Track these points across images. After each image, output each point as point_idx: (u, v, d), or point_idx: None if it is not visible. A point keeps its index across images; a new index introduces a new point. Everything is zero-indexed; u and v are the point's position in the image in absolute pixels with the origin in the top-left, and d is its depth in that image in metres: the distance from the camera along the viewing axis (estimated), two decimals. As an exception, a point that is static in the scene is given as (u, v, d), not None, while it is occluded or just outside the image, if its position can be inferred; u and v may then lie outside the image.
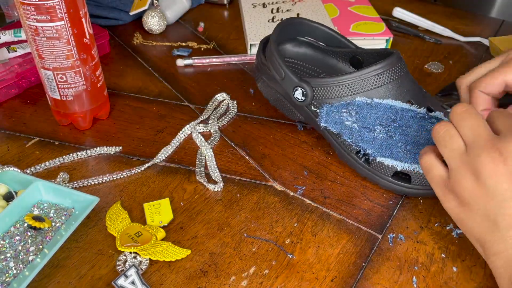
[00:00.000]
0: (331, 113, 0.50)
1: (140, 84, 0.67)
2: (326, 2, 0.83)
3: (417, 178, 0.47)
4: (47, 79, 0.53)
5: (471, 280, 0.42)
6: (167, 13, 0.81)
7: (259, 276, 0.42)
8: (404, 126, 0.49)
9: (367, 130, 0.49)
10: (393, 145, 0.48)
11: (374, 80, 0.49)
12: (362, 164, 0.50)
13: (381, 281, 0.42)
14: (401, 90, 0.49)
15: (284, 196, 0.50)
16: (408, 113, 0.49)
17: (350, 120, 0.49)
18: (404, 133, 0.49)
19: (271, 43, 0.55)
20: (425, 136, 0.48)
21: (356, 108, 0.49)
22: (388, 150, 0.48)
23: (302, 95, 0.51)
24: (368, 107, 0.49)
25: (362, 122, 0.49)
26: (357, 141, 0.49)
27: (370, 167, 0.49)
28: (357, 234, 0.46)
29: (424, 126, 0.49)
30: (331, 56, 0.60)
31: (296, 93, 0.51)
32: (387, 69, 0.49)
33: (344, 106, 0.49)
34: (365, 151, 0.49)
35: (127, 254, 0.43)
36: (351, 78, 0.49)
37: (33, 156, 0.54)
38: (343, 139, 0.50)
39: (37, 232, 0.45)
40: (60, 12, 0.48)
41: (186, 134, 0.58)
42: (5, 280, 0.40)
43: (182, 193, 0.50)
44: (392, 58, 0.49)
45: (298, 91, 0.51)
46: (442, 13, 0.87)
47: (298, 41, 0.62)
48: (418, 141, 0.48)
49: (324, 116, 0.50)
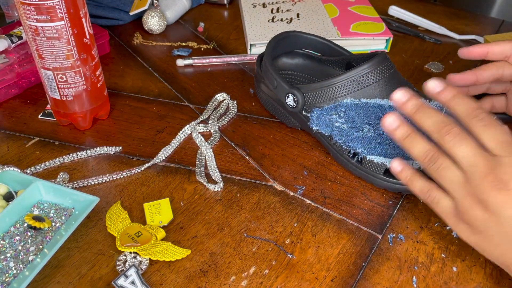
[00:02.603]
0: (322, 116, 0.51)
1: (140, 84, 0.67)
2: (326, 2, 0.83)
3: None
4: (47, 79, 0.53)
5: (471, 280, 0.42)
6: (167, 13, 0.81)
7: (259, 276, 0.42)
8: None
9: (356, 130, 0.50)
10: (381, 143, 0.49)
11: (361, 80, 0.50)
12: (355, 164, 0.51)
13: (381, 281, 0.42)
14: (388, 89, 0.50)
15: (284, 196, 0.50)
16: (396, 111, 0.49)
17: (340, 121, 0.50)
18: None
19: (264, 54, 0.57)
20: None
21: (345, 109, 0.50)
22: (377, 148, 0.49)
23: (293, 101, 0.52)
24: (356, 108, 0.50)
25: (350, 122, 0.50)
26: (347, 141, 0.50)
27: (362, 167, 0.50)
28: (357, 234, 0.46)
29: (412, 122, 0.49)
30: (327, 65, 0.62)
31: (288, 100, 0.53)
32: (372, 70, 0.50)
33: (333, 109, 0.50)
34: (355, 150, 0.49)
35: (127, 254, 0.43)
36: (338, 81, 0.50)
37: (33, 156, 0.54)
38: (334, 141, 0.51)
39: (37, 232, 0.45)
40: (60, 12, 0.48)
41: (186, 134, 0.58)
42: (5, 280, 0.40)
43: (182, 193, 0.50)
44: (376, 59, 0.50)
45: (290, 98, 0.53)
46: (442, 13, 0.87)
47: (295, 53, 0.64)
48: None
49: (315, 119, 0.51)
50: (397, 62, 0.73)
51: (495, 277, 0.42)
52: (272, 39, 0.59)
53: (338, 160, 0.53)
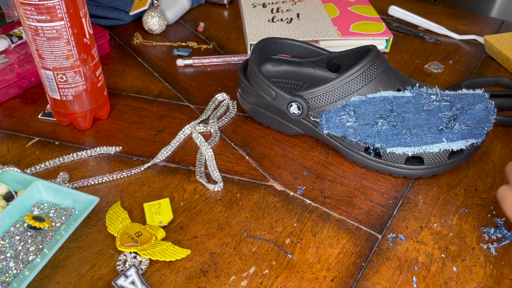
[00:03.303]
0: (331, 118, 0.51)
1: (140, 84, 0.67)
2: (326, 2, 0.83)
3: (429, 158, 0.49)
4: (47, 79, 0.53)
5: (471, 280, 0.42)
6: (167, 13, 0.81)
7: (259, 276, 0.42)
8: (402, 113, 0.50)
9: (369, 126, 0.50)
10: (398, 134, 0.49)
11: (363, 77, 0.50)
12: (372, 159, 0.51)
13: (381, 281, 0.42)
14: (389, 80, 0.51)
15: (284, 196, 0.50)
16: (402, 100, 0.50)
17: (351, 120, 0.50)
18: (404, 119, 0.50)
19: (252, 66, 0.55)
20: (425, 117, 0.50)
21: (353, 107, 0.50)
22: (395, 139, 0.49)
23: (298, 109, 0.52)
24: (365, 104, 0.50)
25: (362, 119, 0.50)
26: (363, 138, 0.50)
27: (382, 160, 0.51)
28: (357, 234, 0.46)
29: (420, 107, 0.50)
30: (308, 66, 0.62)
31: (291, 108, 0.52)
32: (372, 64, 0.50)
33: (341, 109, 0.50)
34: (373, 145, 0.50)
35: (127, 254, 0.43)
36: (341, 81, 0.50)
37: (33, 156, 0.54)
38: (349, 140, 0.51)
39: (37, 232, 0.45)
40: (60, 12, 0.48)
41: (186, 134, 0.58)
42: (5, 280, 0.40)
43: (182, 193, 0.50)
44: (372, 53, 0.51)
45: (293, 106, 0.52)
46: (442, 13, 0.87)
47: (274, 60, 0.63)
48: (420, 122, 0.50)
49: (324, 123, 0.51)
50: (397, 62, 0.73)
51: (495, 277, 0.42)
52: (254, 49, 0.57)
53: (352, 158, 0.52)
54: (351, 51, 0.57)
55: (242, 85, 0.58)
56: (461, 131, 0.49)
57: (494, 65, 0.72)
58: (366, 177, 0.52)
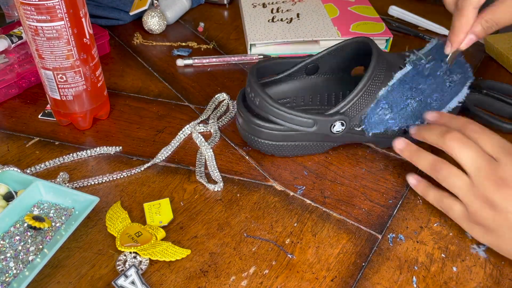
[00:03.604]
0: (370, 119, 0.52)
1: (140, 84, 0.67)
2: (326, 2, 0.83)
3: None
4: (47, 79, 0.53)
5: (471, 280, 0.42)
6: (167, 13, 0.81)
7: (259, 276, 0.42)
8: (417, 86, 0.52)
9: (403, 110, 0.52)
10: (426, 105, 0.52)
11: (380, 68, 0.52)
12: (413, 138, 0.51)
13: (381, 281, 0.42)
14: (392, 62, 0.54)
15: (284, 196, 0.50)
16: (409, 74, 0.52)
17: (387, 113, 0.52)
18: (422, 91, 0.52)
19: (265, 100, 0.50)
20: (432, 80, 0.53)
21: (385, 100, 0.51)
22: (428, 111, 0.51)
23: (342, 125, 0.51)
24: (391, 93, 0.52)
25: (396, 107, 0.52)
26: (403, 123, 0.52)
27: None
28: (357, 234, 0.46)
29: (423, 75, 0.53)
30: (293, 79, 0.59)
31: (335, 128, 0.51)
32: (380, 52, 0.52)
33: (375, 108, 0.51)
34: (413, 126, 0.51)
35: (127, 254, 0.43)
36: (365, 85, 0.50)
37: (33, 156, 0.54)
38: (391, 131, 0.53)
39: (37, 232, 0.45)
40: (60, 12, 0.48)
41: (186, 134, 0.58)
42: (5, 280, 0.40)
43: (182, 193, 0.50)
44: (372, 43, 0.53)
45: (337, 124, 0.51)
46: (442, 13, 0.87)
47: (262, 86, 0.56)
48: (432, 87, 0.52)
49: (368, 126, 0.52)
50: (397, 62, 0.73)
51: (495, 277, 0.42)
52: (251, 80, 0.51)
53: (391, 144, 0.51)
54: (327, 52, 0.56)
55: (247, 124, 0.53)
56: (459, 79, 0.54)
57: (494, 65, 0.72)
58: (366, 177, 0.52)
